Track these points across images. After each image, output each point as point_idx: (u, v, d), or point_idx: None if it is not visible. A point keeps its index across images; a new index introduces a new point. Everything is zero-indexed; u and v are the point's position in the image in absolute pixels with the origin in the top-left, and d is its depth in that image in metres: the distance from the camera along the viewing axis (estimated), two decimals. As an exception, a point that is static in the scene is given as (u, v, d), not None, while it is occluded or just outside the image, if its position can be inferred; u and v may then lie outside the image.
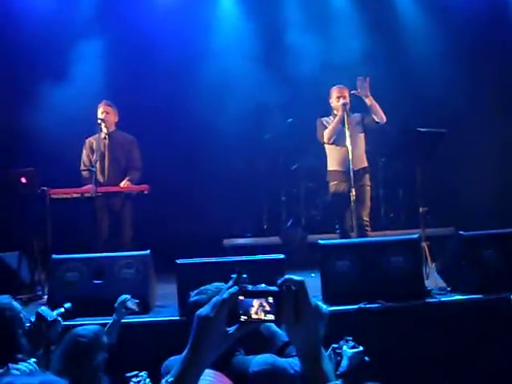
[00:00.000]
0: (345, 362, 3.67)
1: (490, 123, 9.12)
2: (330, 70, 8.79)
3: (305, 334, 1.53)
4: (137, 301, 4.69)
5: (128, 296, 4.59)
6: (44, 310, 3.91)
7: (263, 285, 1.55)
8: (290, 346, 3.33)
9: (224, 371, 2.60)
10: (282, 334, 3.42)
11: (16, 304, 3.68)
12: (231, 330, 1.53)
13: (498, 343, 4.99)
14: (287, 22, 9.72)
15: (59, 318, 4.00)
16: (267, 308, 1.51)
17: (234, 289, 1.53)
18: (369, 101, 7.15)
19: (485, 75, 9.32)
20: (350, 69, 8.50)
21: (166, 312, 5.57)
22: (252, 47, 9.25)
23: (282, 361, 3.08)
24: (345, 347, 3.70)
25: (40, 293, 6.52)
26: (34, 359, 3.28)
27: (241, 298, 1.52)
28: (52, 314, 3.90)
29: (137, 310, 4.67)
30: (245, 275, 1.66)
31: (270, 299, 1.51)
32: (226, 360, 2.91)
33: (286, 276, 1.54)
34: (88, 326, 3.48)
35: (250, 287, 1.54)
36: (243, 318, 1.52)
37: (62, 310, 4.21)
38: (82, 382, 3.16)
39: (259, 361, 3.03)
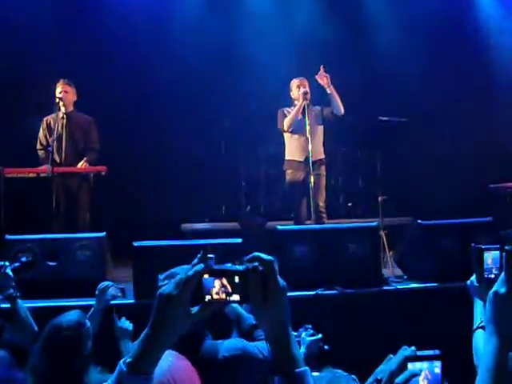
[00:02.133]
0: (303, 349, 3.66)
1: (450, 114, 9.23)
2: (294, 59, 8.80)
3: (273, 316, 1.47)
4: (121, 286, 4.56)
5: (110, 283, 4.44)
6: None
7: (229, 264, 1.49)
8: (257, 329, 3.30)
9: (193, 356, 2.54)
10: (248, 316, 3.39)
11: None
12: (194, 310, 1.47)
13: (452, 331, 5.06)
14: (251, 7, 9.69)
15: (6, 263, 3.99)
16: (233, 288, 1.45)
17: (199, 266, 1.47)
18: (329, 90, 7.14)
19: (448, 67, 9.42)
20: (314, 60, 8.52)
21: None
22: (216, 34, 9.17)
23: (251, 345, 3.06)
24: (303, 334, 3.69)
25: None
26: None
27: (206, 276, 1.46)
28: (0, 263, 3.94)
29: (121, 296, 4.54)
30: (211, 255, 1.60)
31: (236, 278, 1.44)
32: (195, 345, 2.87)
33: (254, 253, 1.47)
34: (67, 313, 3.35)
35: (215, 266, 1.47)
36: (207, 297, 1.46)
37: (18, 263, 4.15)
38: (74, 375, 3.04)
39: (228, 346, 3.00)
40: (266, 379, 2.96)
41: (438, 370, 1.49)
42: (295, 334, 3.89)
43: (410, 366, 1.46)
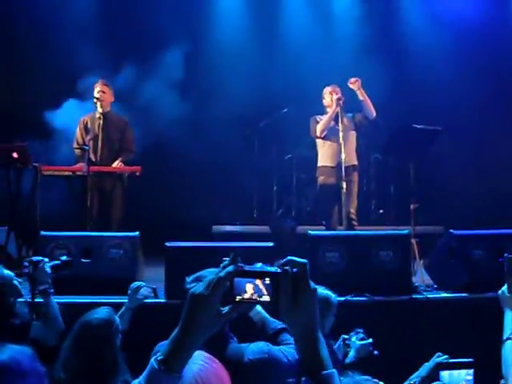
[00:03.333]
0: (352, 353, 3.69)
1: (484, 124, 9.14)
2: (329, 65, 8.82)
3: (302, 319, 1.49)
4: (153, 287, 4.62)
5: (142, 283, 4.50)
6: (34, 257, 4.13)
7: (259, 264, 1.52)
8: (282, 334, 3.32)
9: (218, 358, 2.56)
10: (273, 321, 3.41)
11: (8, 272, 3.73)
12: (225, 310, 1.49)
13: (481, 342, 5.02)
14: (290, 15, 9.75)
15: (45, 259, 4.09)
16: (263, 289, 1.46)
17: (231, 268, 1.49)
18: (360, 94, 7.15)
19: (482, 76, 9.34)
20: (349, 67, 8.53)
21: (152, 294, 5.54)
22: (254, 34, 9.22)
23: (276, 349, 3.07)
24: (354, 338, 3.72)
25: (27, 270, 6.46)
26: None
27: (237, 277, 1.48)
28: (39, 258, 4.07)
29: (153, 296, 4.61)
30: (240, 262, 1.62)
31: (267, 280, 1.46)
32: (220, 346, 2.89)
33: (289, 257, 1.49)
34: (97, 311, 3.41)
35: (246, 267, 1.49)
36: (238, 298, 1.48)
37: (58, 262, 4.24)
38: (102, 372, 3.09)
39: (254, 349, 3.02)
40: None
41: (470, 378, 1.50)
42: (346, 336, 3.93)
43: (442, 373, 1.48)
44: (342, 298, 5.22)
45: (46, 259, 4.12)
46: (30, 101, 8.51)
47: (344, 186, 6.96)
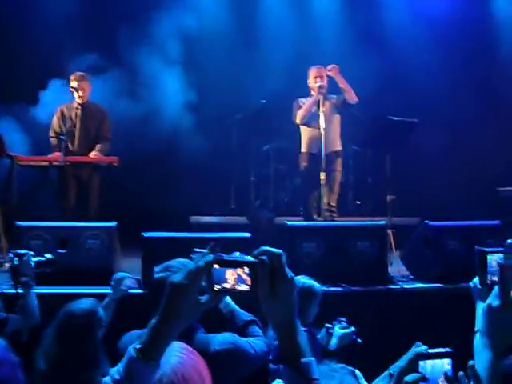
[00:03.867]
0: (334, 341, 3.74)
1: (460, 116, 9.22)
2: (307, 53, 8.81)
3: (280, 307, 1.49)
4: (137, 277, 4.61)
5: (126, 274, 4.48)
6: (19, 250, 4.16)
7: (237, 253, 1.52)
8: (251, 326, 3.34)
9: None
10: (242, 312, 3.42)
11: None
12: (203, 299, 1.51)
13: (456, 332, 5.08)
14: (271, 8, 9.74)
15: (30, 252, 4.10)
16: (242, 278, 1.47)
17: (210, 257, 1.50)
18: (339, 81, 7.14)
19: (461, 67, 9.41)
20: (328, 54, 8.54)
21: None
22: (228, 25, 9.19)
23: (242, 340, 3.09)
24: (336, 327, 3.78)
25: (1, 259, 6.42)
26: None
27: (215, 266, 1.49)
28: (24, 251, 4.09)
29: (136, 287, 4.60)
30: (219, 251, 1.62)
31: (246, 270, 1.47)
32: (188, 336, 2.89)
33: (263, 247, 1.50)
34: (80, 301, 3.39)
35: (225, 256, 1.50)
36: (217, 287, 1.49)
37: (42, 258, 4.24)
38: (84, 362, 3.08)
39: (220, 340, 3.03)
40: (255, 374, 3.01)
41: (448, 367, 1.52)
42: (329, 326, 3.97)
43: (421, 363, 1.49)
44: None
45: (32, 253, 4.11)
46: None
47: (323, 177, 6.94)
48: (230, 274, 1.49)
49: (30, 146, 7.77)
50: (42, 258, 4.22)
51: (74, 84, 7.27)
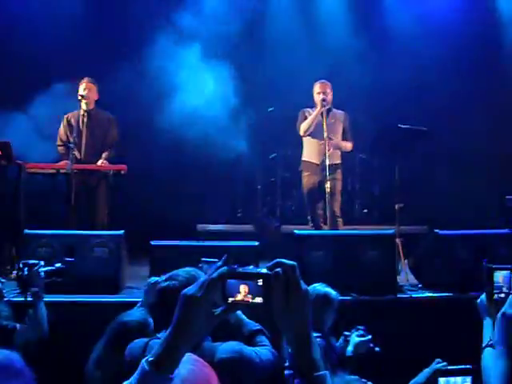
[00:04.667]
0: (350, 348, 3.75)
1: (468, 124, 9.19)
2: (314, 62, 8.81)
3: (295, 320, 1.48)
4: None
5: (159, 278, 4.44)
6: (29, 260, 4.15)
7: (251, 266, 1.51)
8: (257, 335, 3.32)
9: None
10: (249, 322, 3.41)
11: None
12: (217, 311, 1.49)
13: (464, 342, 5.04)
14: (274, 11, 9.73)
15: (41, 262, 4.12)
16: (255, 291, 1.46)
17: (224, 269, 1.48)
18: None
19: (471, 76, 9.39)
20: (335, 63, 8.54)
21: (136, 293, 5.52)
22: (236, 31, 9.18)
23: (248, 349, 3.07)
24: (353, 335, 3.79)
25: (9, 268, 6.42)
26: None
27: (229, 279, 1.48)
28: (35, 261, 4.09)
29: None
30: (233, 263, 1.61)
31: (259, 282, 1.46)
32: (195, 345, 2.88)
33: (277, 259, 1.49)
34: (132, 312, 3.43)
35: (239, 269, 1.49)
36: (230, 299, 1.48)
37: (52, 267, 4.26)
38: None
39: (226, 348, 3.01)
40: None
41: None
42: (347, 333, 3.98)
43: (441, 380, 1.47)
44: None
45: (42, 263, 4.11)
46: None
47: (328, 185, 6.97)
48: (244, 287, 1.47)
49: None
50: (52, 268, 4.22)
51: (81, 90, 7.27)
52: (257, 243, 5.43)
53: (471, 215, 8.23)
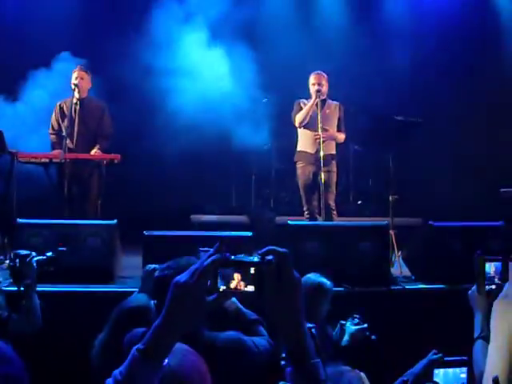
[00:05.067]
0: (346, 338, 3.74)
1: (462, 115, 9.20)
2: (309, 53, 8.79)
3: (287, 308, 1.48)
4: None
5: (156, 265, 4.41)
6: (21, 250, 4.06)
7: (243, 255, 1.50)
8: (255, 325, 3.32)
9: (191, 346, 2.55)
10: (247, 312, 3.41)
11: None
12: (209, 299, 1.47)
13: (456, 334, 5.05)
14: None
15: (33, 253, 4.04)
16: (247, 279, 1.45)
17: (216, 256, 1.47)
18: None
19: (466, 66, 9.39)
20: (330, 54, 8.52)
21: (129, 283, 5.51)
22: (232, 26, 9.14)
23: (246, 338, 3.08)
24: (348, 323, 3.78)
25: (1, 257, 6.39)
26: None
27: (221, 267, 1.46)
28: (27, 251, 4.01)
29: None
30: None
31: (252, 270, 1.45)
32: (192, 334, 2.87)
33: (269, 246, 1.48)
34: (134, 298, 3.41)
35: (231, 257, 1.48)
36: (222, 287, 1.47)
37: (43, 257, 4.19)
38: None
39: (225, 337, 3.02)
40: (258, 372, 2.99)
41: (463, 376, 1.49)
42: (343, 322, 3.98)
43: (436, 371, 1.46)
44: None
45: (34, 253, 4.07)
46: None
47: (322, 176, 6.96)
48: (237, 275, 1.46)
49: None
50: (43, 257, 4.18)
51: (74, 78, 7.22)
52: (251, 234, 5.42)
53: (465, 207, 8.24)
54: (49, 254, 4.29)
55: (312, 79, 7.40)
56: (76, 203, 7.04)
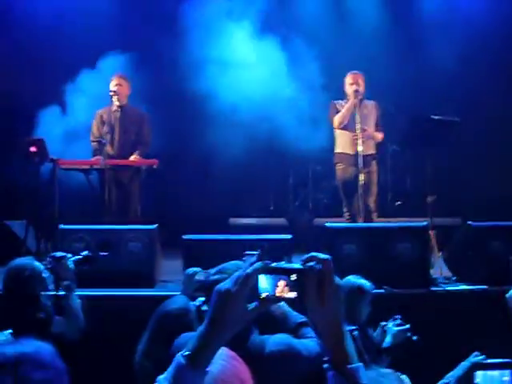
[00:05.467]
0: (388, 339, 3.74)
1: (502, 113, 9.06)
2: (345, 54, 8.75)
3: (328, 315, 1.49)
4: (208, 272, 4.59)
5: (198, 268, 4.45)
6: (57, 253, 4.15)
7: (284, 262, 1.51)
8: (303, 328, 3.33)
9: (240, 350, 2.59)
10: (294, 314, 3.41)
11: (38, 265, 3.75)
12: (251, 306, 1.49)
13: (499, 334, 4.99)
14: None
15: (68, 255, 4.13)
16: (289, 286, 1.46)
17: (258, 264, 1.49)
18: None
19: (503, 66, 9.25)
20: (365, 55, 8.47)
21: (170, 287, 5.57)
22: (266, 25, 9.14)
23: (296, 342, 3.08)
24: (390, 324, 3.78)
25: (45, 262, 6.50)
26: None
27: (263, 274, 1.48)
28: (62, 253, 4.10)
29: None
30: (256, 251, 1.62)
31: (293, 277, 1.46)
32: (243, 339, 2.91)
33: (312, 253, 1.49)
34: (174, 300, 3.44)
35: (273, 264, 1.49)
36: (264, 295, 1.48)
37: (79, 256, 4.28)
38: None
39: (275, 341, 3.03)
40: (309, 376, 2.99)
41: (506, 379, 1.48)
42: (383, 324, 3.98)
43: (478, 373, 1.46)
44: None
45: (69, 255, 4.14)
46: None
47: (362, 177, 6.94)
48: (281, 282, 1.48)
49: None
50: (79, 257, 4.25)
51: (112, 86, 7.33)
52: (289, 236, 5.43)
53: (506, 206, 8.12)
54: (84, 253, 4.36)
55: (349, 79, 7.35)
56: (117, 208, 7.15)
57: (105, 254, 5.55)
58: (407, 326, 3.95)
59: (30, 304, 3.62)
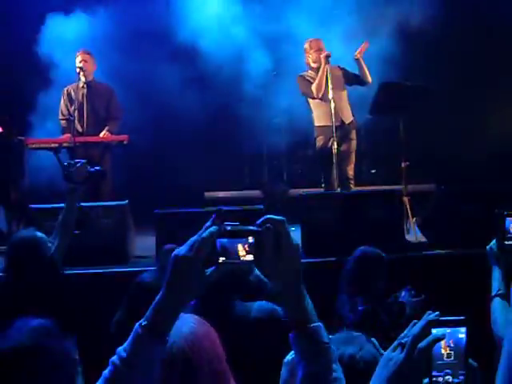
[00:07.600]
0: (408, 311, 3.69)
1: (473, 78, 9.07)
2: (314, 19, 8.65)
3: (286, 274, 1.49)
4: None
5: (173, 245, 4.40)
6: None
7: (238, 223, 1.50)
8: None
9: (224, 318, 2.60)
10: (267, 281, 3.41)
11: (41, 234, 3.98)
12: (208, 271, 1.47)
13: (474, 297, 5.02)
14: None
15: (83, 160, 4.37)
16: (246, 248, 1.45)
17: (214, 228, 1.46)
18: (362, 63, 7.11)
19: (481, 39, 9.23)
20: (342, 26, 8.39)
21: (143, 262, 5.53)
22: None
23: (278, 308, 3.12)
24: (406, 296, 3.74)
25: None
26: None
27: (219, 238, 1.46)
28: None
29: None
30: (237, 222, 1.58)
31: (250, 239, 1.45)
32: (224, 307, 2.95)
33: (266, 215, 1.49)
34: (149, 272, 3.54)
35: (228, 227, 1.47)
36: (221, 259, 1.46)
37: (93, 169, 4.46)
38: None
39: (259, 307, 3.09)
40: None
41: (462, 336, 1.45)
42: (397, 295, 3.93)
43: (433, 331, 1.44)
44: (335, 258, 5.22)
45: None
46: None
47: (335, 146, 6.84)
48: (241, 245, 1.47)
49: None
50: (93, 169, 4.41)
51: (78, 62, 7.19)
52: (261, 207, 5.41)
53: (480, 171, 8.16)
54: (97, 167, 4.54)
55: (314, 46, 7.17)
56: (88, 186, 7.04)
57: (77, 231, 5.46)
58: (423, 296, 3.91)
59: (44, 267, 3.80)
